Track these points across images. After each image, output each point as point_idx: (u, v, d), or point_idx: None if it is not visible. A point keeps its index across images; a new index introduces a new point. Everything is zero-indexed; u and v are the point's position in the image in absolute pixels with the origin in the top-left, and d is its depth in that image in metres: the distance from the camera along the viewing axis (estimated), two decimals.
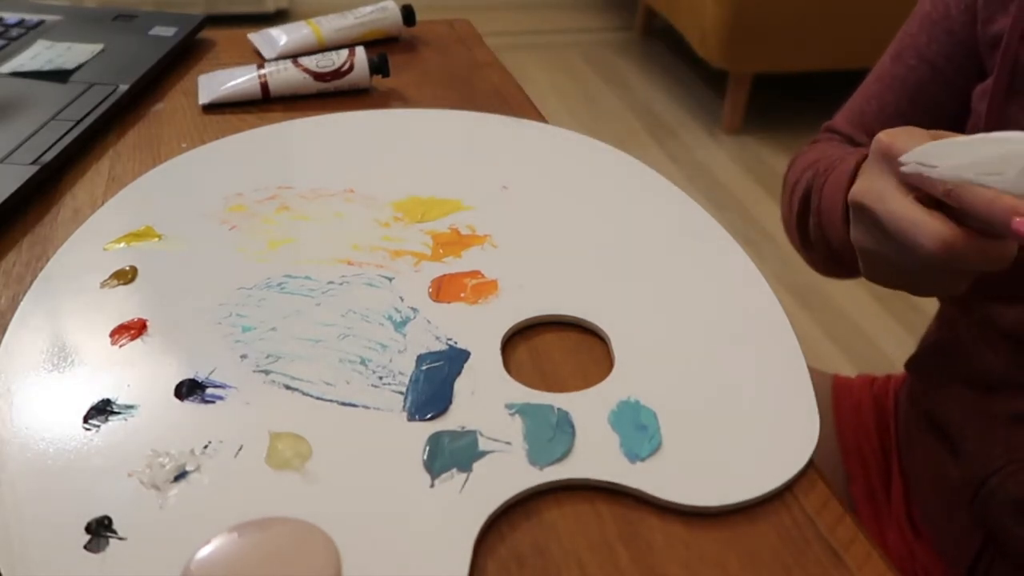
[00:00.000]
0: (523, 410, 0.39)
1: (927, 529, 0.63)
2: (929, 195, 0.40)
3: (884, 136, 0.41)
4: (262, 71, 0.68)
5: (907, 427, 0.66)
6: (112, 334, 0.43)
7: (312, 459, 0.37)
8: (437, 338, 0.43)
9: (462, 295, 0.46)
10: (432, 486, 0.36)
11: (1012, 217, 0.35)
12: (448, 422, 0.38)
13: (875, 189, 0.42)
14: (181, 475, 0.36)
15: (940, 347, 0.65)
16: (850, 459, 0.69)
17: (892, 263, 0.44)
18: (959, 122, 0.59)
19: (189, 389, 0.40)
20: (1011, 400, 0.57)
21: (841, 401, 0.71)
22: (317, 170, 0.57)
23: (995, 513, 0.56)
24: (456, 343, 0.43)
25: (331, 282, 0.47)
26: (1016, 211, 0.35)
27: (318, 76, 0.68)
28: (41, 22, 0.79)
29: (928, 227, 0.38)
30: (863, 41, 1.83)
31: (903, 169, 0.39)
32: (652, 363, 0.42)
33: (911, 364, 0.68)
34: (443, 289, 0.46)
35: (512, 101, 0.67)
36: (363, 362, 0.42)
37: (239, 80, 0.67)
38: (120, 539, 0.33)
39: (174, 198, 0.54)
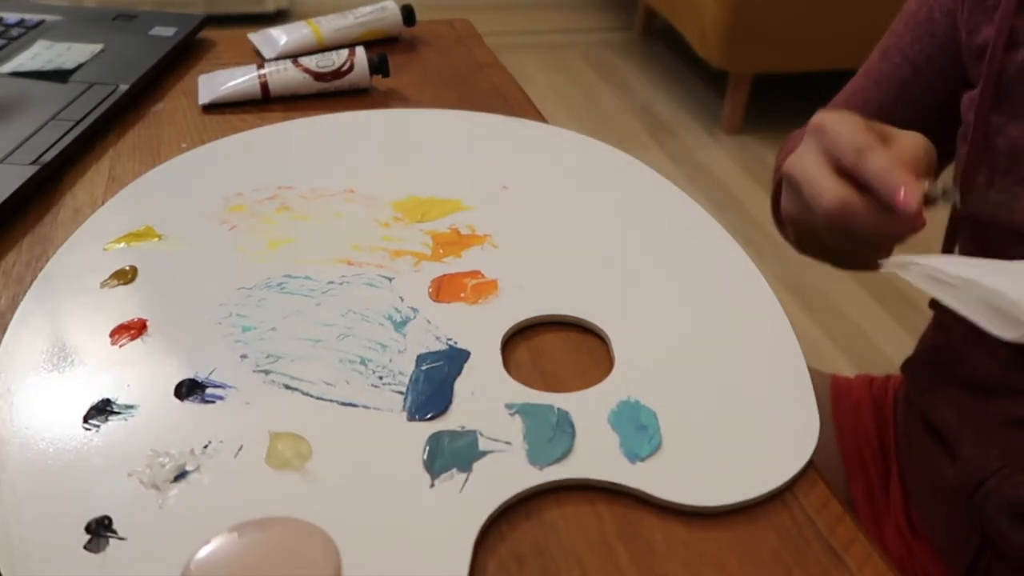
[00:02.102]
0: (523, 410, 0.39)
1: (926, 529, 0.63)
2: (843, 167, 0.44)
3: (817, 116, 0.45)
4: (262, 71, 0.68)
5: (905, 428, 0.66)
6: (112, 334, 0.43)
7: (312, 459, 0.37)
8: (437, 338, 0.43)
9: (462, 295, 0.46)
10: (432, 486, 0.36)
11: (899, 188, 0.40)
12: (448, 422, 0.38)
13: (799, 157, 0.45)
14: (181, 475, 0.36)
15: (937, 350, 0.65)
16: (849, 459, 0.69)
17: (813, 230, 0.46)
18: (943, 125, 0.60)
19: (189, 389, 0.40)
20: (1007, 404, 0.57)
21: (840, 401, 0.71)
22: (317, 170, 0.57)
23: (991, 517, 0.55)
24: (456, 343, 0.43)
25: (331, 282, 0.47)
26: (904, 184, 0.40)
27: (318, 76, 0.68)
28: (41, 22, 0.79)
29: (829, 186, 0.42)
30: (863, 41, 1.83)
31: (884, 268, 0.43)
32: (652, 363, 0.42)
33: (907, 366, 0.67)
34: (443, 289, 0.46)
35: (512, 101, 0.67)
36: (363, 362, 0.42)
37: (239, 80, 0.67)
38: (120, 539, 0.33)
39: (174, 198, 0.54)
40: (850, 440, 0.69)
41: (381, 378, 0.41)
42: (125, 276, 0.47)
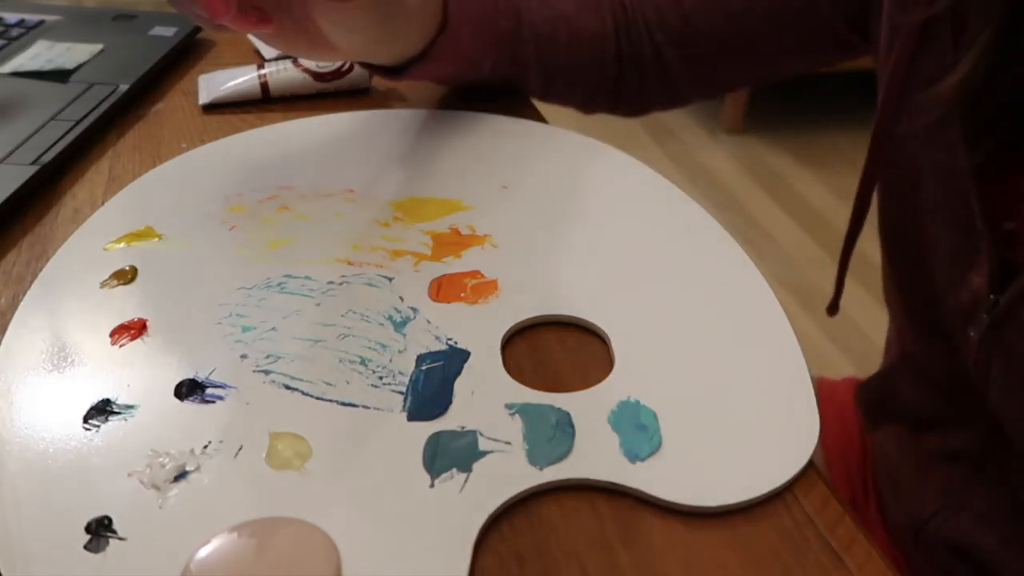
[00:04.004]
0: (523, 410, 0.39)
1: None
2: None
3: None
4: (262, 71, 0.68)
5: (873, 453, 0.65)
6: (112, 334, 0.43)
7: (312, 459, 0.37)
8: (437, 338, 0.43)
9: (462, 295, 0.46)
10: (432, 486, 0.36)
11: None
12: (448, 422, 0.38)
13: None
14: (181, 475, 0.36)
15: (881, 377, 0.64)
16: (833, 466, 0.67)
17: None
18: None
19: (189, 389, 0.40)
20: (940, 438, 0.55)
21: (826, 406, 0.69)
22: (317, 170, 0.57)
23: (936, 557, 0.54)
24: (456, 343, 0.43)
25: (331, 282, 0.47)
26: None
27: (318, 76, 0.68)
28: (41, 22, 0.79)
29: None
30: None
31: None
32: (652, 363, 0.42)
33: (858, 394, 0.66)
34: (443, 289, 0.46)
35: (512, 101, 0.67)
36: (363, 362, 0.42)
37: (239, 80, 0.68)
38: (120, 539, 0.33)
39: (174, 198, 0.54)
40: (835, 446, 0.68)
41: (381, 378, 0.41)
42: (125, 276, 0.47)
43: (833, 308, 0.61)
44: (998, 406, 0.48)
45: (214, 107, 0.67)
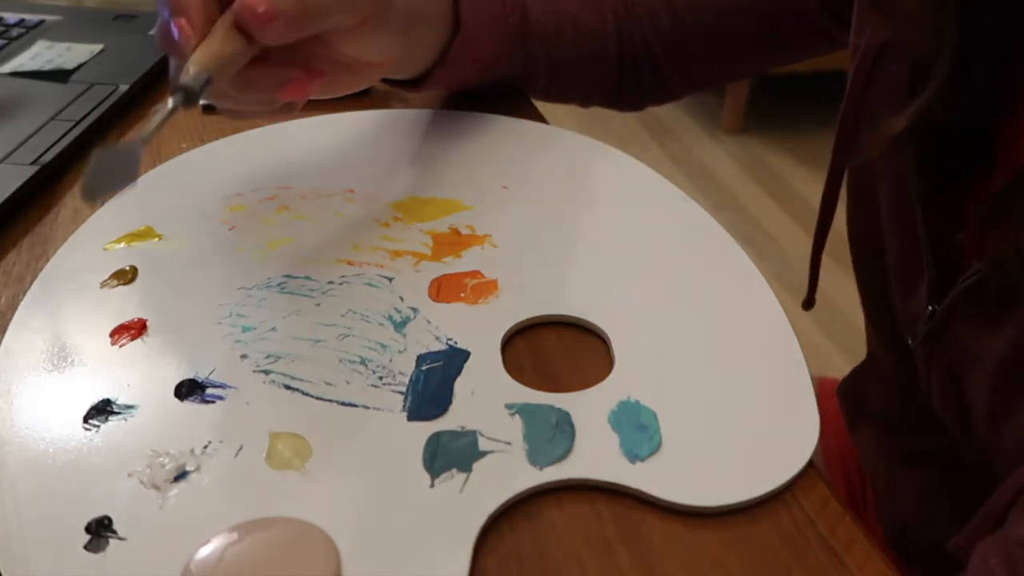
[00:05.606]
0: (523, 410, 0.39)
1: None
2: None
3: None
4: None
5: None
6: (112, 334, 0.43)
7: (312, 459, 0.37)
8: (437, 338, 0.43)
9: (462, 295, 0.46)
10: (432, 486, 0.36)
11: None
12: (448, 422, 0.38)
13: None
14: (181, 475, 0.36)
15: (853, 378, 0.64)
16: (832, 465, 0.67)
17: None
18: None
19: (189, 389, 0.40)
20: (907, 440, 0.55)
21: (826, 406, 0.70)
22: (317, 170, 0.57)
23: (923, 558, 0.55)
24: (456, 343, 0.43)
25: (331, 282, 0.47)
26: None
27: None
28: (41, 22, 0.79)
29: None
30: None
31: None
32: (652, 363, 0.42)
33: (838, 393, 0.66)
34: (443, 289, 0.46)
35: (512, 101, 0.67)
36: (363, 362, 0.42)
37: None
38: (120, 539, 0.33)
39: (174, 198, 0.54)
40: (835, 446, 0.68)
41: (381, 378, 0.41)
42: (125, 276, 0.47)
43: (808, 303, 0.62)
44: (940, 414, 0.49)
45: (214, 107, 0.67)
